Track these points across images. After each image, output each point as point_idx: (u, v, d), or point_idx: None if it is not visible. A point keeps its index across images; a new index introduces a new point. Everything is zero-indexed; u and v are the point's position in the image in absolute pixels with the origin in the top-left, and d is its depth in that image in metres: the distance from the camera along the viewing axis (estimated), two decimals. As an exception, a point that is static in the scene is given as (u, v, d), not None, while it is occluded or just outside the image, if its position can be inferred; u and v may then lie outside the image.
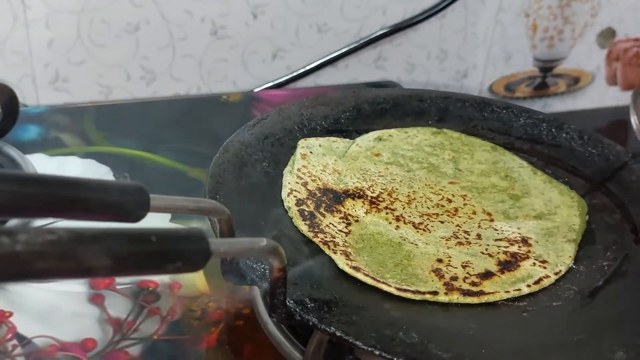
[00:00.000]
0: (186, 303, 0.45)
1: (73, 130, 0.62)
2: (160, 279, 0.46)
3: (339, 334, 0.33)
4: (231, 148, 0.46)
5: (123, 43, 0.69)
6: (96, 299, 0.44)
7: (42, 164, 0.56)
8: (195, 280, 0.46)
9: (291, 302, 0.34)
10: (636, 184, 0.48)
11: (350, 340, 0.32)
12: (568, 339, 0.35)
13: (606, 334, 0.35)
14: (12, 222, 0.43)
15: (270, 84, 0.76)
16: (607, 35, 0.87)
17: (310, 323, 0.33)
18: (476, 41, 0.82)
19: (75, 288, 0.44)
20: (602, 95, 0.92)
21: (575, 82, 0.90)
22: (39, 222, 0.44)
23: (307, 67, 0.77)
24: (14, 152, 0.53)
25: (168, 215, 0.50)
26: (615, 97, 0.93)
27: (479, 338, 0.35)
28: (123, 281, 0.46)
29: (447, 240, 0.41)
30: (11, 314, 0.42)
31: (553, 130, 0.53)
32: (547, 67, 0.87)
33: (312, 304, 0.34)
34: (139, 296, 0.45)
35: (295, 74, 0.76)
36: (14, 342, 0.40)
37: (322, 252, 0.40)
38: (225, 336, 0.43)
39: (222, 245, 0.26)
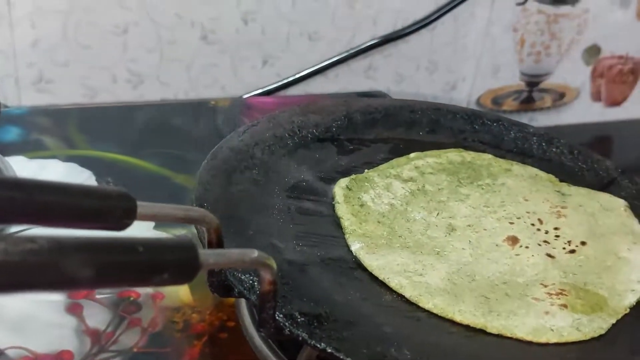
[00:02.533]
0: (168, 314, 0.43)
1: (55, 132, 0.60)
2: (142, 288, 0.44)
3: (329, 350, 0.32)
4: (220, 155, 0.45)
5: (110, 45, 0.67)
6: (74, 309, 0.42)
7: (22, 167, 0.54)
8: (179, 291, 0.45)
9: (280, 316, 0.33)
10: (627, 199, 0.47)
11: (342, 358, 0.31)
12: (562, 357, 0.34)
13: (597, 352, 0.35)
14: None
15: (260, 91, 0.75)
16: (593, 52, 0.88)
17: (300, 338, 0.32)
18: (465, 54, 0.82)
19: (52, 297, 0.43)
20: (586, 111, 0.92)
21: (560, 97, 0.90)
22: (15, 229, 0.42)
23: (298, 75, 0.76)
24: (-8, 154, 0.51)
25: (151, 223, 0.49)
26: (600, 113, 0.93)
27: (471, 356, 0.34)
28: (103, 291, 0.44)
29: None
30: (-16, 323, 0.40)
31: (543, 144, 0.53)
32: (533, 82, 0.88)
33: (302, 319, 0.33)
34: (119, 306, 0.43)
35: (285, 81, 0.76)
36: (-13, 352, 0.39)
37: (313, 263, 0.39)
38: (209, 349, 0.41)
39: (212, 257, 0.25)
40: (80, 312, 0.42)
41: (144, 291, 0.45)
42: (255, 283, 0.34)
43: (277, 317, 0.33)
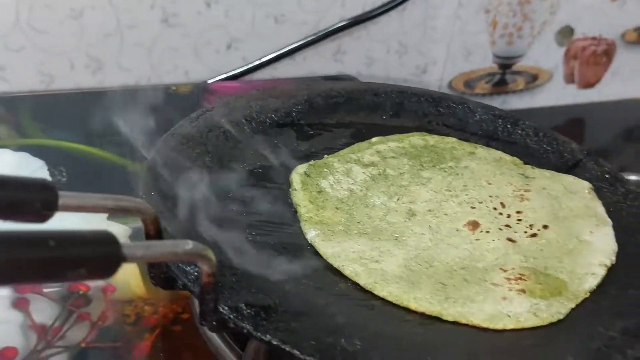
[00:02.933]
0: (119, 307, 0.42)
1: (7, 121, 0.58)
2: (93, 281, 0.43)
3: (275, 343, 0.30)
4: (171, 141, 0.43)
5: (66, 29, 0.65)
6: (21, 304, 0.41)
7: (-30, 157, 0.52)
8: (131, 283, 0.43)
9: (225, 308, 0.32)
10: (591, 181, 0.47)
11: (287, 349, 0.30)
12: (517, 344, 0.33)
13: (556, 338, 0.34)
14: None
15: (225, 76, 0.73)
16: (566, 33, 0.87)
17: (245, 331, 0.31)
18: (436, 36, 0.81)
19: (-2, 292, 0.41)
20: (559, 93, 0.92)
21: (533, 79, 0.89)
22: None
23: (264, 59, 0.74)
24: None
25: (104, 215, 0.47)
26: (573, 95, 0.93)
27: (425, 345, 0.33)
28: (51, 285, 0.42)
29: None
30: None
31: (508, 126, 0.52)
32: (506, 64, 0.87)
33: (249, 311, 0.32)
34: (67, 300, 0.41)
35: (250, 65, 0.74)
36: None
37: (267, 252, 0.38)
38: (161, 343, 0.40)
39: (139, 249, 0.24)
40: (27, 307, 0.41)
41: (94, 284, 0.43)
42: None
43: (222, 310, 0.31)
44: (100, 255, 0.22)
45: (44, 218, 0.24)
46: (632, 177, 0.63)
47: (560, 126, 0.90)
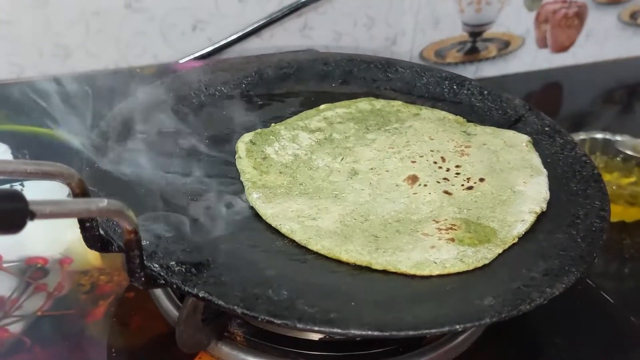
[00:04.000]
0: (76, 278, 0.43)
1: (-27, 109, 0.59)
2: (51, 255, 0.45)
3: (202, 295, 0.32)
4: (118, 116, 0.45)
5: (32, 19, 0.66)
6: (-20, 278, 0.43)
7: None
8: (87, 255, 0.45)
9: (156, 266, 0.33)
10: (532, 135, 0.48)
11: (214, 301, 0.32)
12: (440, 289, 0.35)
13: (478, 282, 0.35)
14: None
15: (193, 56, 0.74)
16: (535, -3, 0.87)
17: (175, 286, 0.33)
18: (403, 6, 0.81)
19: (-42, 267, 0.43)
20: (533, 58, 0.92)
21: (505, 45, 0.89)
22: None
23: (230, 39, 0.75)
24: None
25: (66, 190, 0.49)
26: (547, 59, 0.93)
27: (350, 292, 0.34)
28: (10, 259, 0.44)
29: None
30: None
31: (455, 87, 0.53)
32: (476, 32, 0.87)
33: (179, 267, 0.34)
34: (25, 273, 0.43)
35: (217, 45, 0.75)
36: None
37: (206, 217, 0.39)
38: (114, 309, 0.41)
39: (48, 206, 0.25)
40: (-14, 281, 0.43)
41: (53, 257, 0.45)
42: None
43: (152, 267, 0.33)
44: (5, 209, 0.24)
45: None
46: (618, 138, 0.64)
47: (536, 91, 0.91)
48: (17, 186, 0.49)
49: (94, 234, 0.34)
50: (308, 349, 0.38)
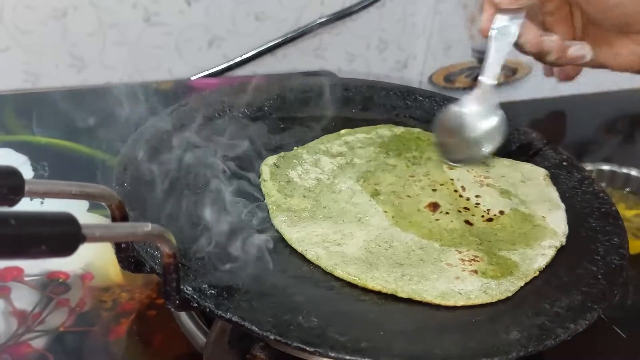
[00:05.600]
0: (97, 294, 0.44)
1: (-8, 119, 0.60)
2: (72, 269, 0.45)
3: (235, 320, 0.32)
4: (145, 135, 0.45)
5: (50, 29, 0.67)
6: (2, 291, 0.43)
7: (-44, 154, 0.54)
8: (109, 271, 0.45)
9: (189, 289, 0.34)
10: (549, 169, 0.49)
11: (246, 326, 0.32)
12: (465, 321, 0.35)
13: (503, 315, 0.36)
14: None
15: (207, 73, 0.75)
16: (544, 26, 0.89)
17: (208, 310, 0.33)
18: (415, 31, 0.82)
19: (-20, 281, 0.43)
20: (539, 86, 0.93)
21: (513, 73, 0.91)
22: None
23: (245, 56, 0.76)
24: None
25: (85, 205, 0.49)
26: (552, 88, 0.94)
27: (378, 321, 0.35)
28: (32, 272, 0.44)
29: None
30: None
31: (474, 118, 0.53)
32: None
33: (212, 291, 0.34)
34: (47, 288, 0.43)
35: (232, 62, 0.75)
36: None
37: (234, 239, 0.40)
38: (136, 327, 0.42)
39: (98, 230, 0.26)
40: (8, 294, 0.43)
41: (74, 272, 0.45)
42: (169, 258, 0.34)
43: (186, 290, 0.33)
44: (59, 233, 0.24)
45: (11, 202, 0.26)
46: (625, 171, 0.65)
47: (540, 119, 0.92)
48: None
49: (129, 255, 0.35)
50: (328, 373, 0.38)
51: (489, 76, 0.48)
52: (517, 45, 0.45)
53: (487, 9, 0.45)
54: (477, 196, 0.45)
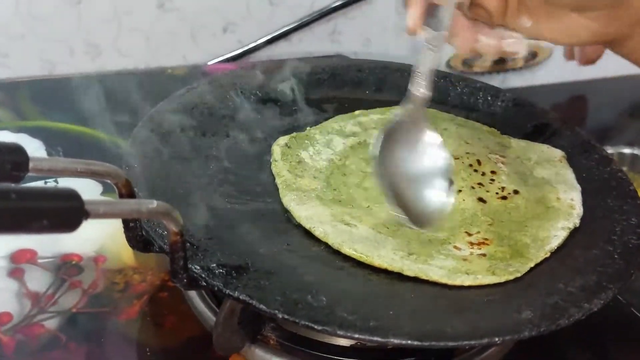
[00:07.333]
0: (110, 276, 0.44)
1: (7, 104, 0.60)
2: (85, 252, 0.45)
3: (243, 298, 0.32)
4: (156, 117, 0.45)
5: (65, 16, 0.67)
6: (16, 273, 0.43)
7: (-28, 139, 0.54)
8: (121, 253, 0.45)
9: (197, 268, 0.33)
10: (566, 149, 0.47)
11: (255, 304, 0.32)
12: (476, 301, 0.35)
13: (516, 295, 0.35)
14: None
15: (222, 58, 0.74)
16: (565, 8, 0.86)
17: (216, 288, 0.33)
18: (432, 14, 0.81)
19: (-6, 262, 0.44)
20: (560, 70, 0.91)
21: (533, 56, 0.89)
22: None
23: (259, 41, 0.75)
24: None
25: (99, 189, 0.49)
26: (573, 71, 0.92)
27: (387, 300, 0.34)
28: (45, 255, 0.45)
29: None
30: None
31: (489, 98, 0.53)
32: (504, 42, 0.86)
33: (220, 270, 0.34)
34: (60, 270, 0.44)
35: (246, 48, 0.75)
36: None
37: (243, 219, 0.40)
38: (148, 308, 0.42)
39: (102, 206, 0.25)
40: (22, 276, 0.43)
41: (87, 254, 0.45)
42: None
43: (194, 269, 0.33)
44: (62, 208, 0.24)
45: (16, 179, 0.26)
46: None
47: (562, 103, 0.90)
48: (51, 182, 0.49)
49: (137, 234, 0.35)
50: (339, 354, 0.38)
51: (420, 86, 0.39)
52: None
53: (414, 2, 0.38)
54: (492, 172, 0.44)
